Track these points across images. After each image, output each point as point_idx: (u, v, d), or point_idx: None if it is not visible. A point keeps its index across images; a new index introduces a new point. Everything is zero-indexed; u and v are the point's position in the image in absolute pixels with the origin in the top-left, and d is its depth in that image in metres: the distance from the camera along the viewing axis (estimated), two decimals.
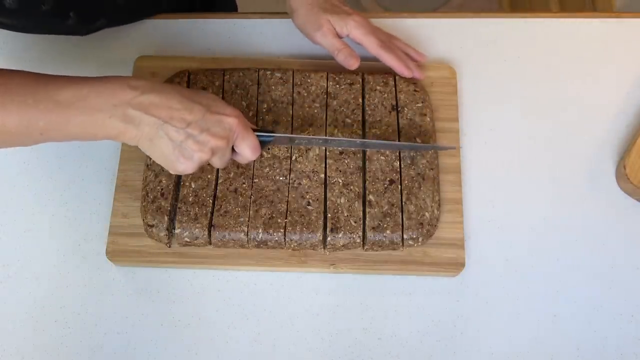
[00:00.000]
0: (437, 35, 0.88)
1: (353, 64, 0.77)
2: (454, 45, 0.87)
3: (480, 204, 0.79)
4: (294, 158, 0.75)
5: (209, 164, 0.70)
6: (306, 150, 0.75)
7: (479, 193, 0.80)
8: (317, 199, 0.73)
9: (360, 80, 0.80)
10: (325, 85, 0.79)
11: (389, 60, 0.78)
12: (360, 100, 0.79)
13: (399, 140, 0.77)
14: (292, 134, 0.76)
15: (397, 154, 0.76)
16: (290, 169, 0.74)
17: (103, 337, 0.72)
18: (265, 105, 0.78)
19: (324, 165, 0.75)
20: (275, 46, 0.87)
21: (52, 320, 0.73)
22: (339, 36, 0.78)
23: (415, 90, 0.80)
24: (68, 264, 0.75)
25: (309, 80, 0.79)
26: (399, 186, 0.74)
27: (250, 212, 0.72)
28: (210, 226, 0.72)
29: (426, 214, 0.73)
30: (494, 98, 0.85)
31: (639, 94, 0.86)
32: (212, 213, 0.72)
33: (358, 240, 0.72)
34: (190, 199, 0.72)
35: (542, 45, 0.88)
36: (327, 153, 0.75)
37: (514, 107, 0.84)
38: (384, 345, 0.73)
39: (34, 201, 0.77)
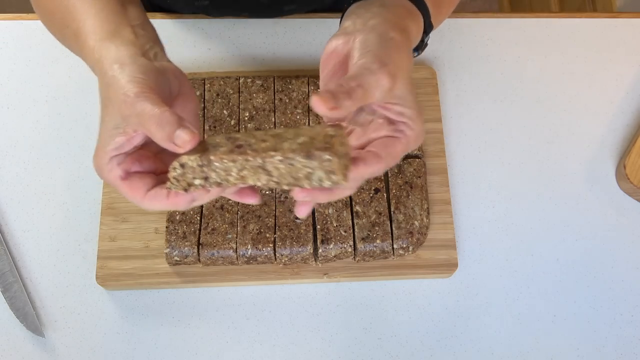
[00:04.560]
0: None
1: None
2: (449, 45, 0.87)
3: (479, 204, 0.79)
4: None
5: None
6: None
7: (477, 193, 0.80)
8: None
9: None
10: (307, 91, 0.79)
11: None
12: None
13: None
14: None
15: None
16: None
17: (103, 337, 0.72)
18: (247, 114, 0.77)
19: None
20: (275, 46, 0.87)
21: (53, 320, 0.73)
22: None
23: None
24: (68, 264, 0.75)
25: (290, 87, 0.79)
26: (385, 194, 0.74)
27: (238, 228, 0.72)
28: (199, 244, 0.71)
29: (415, 222, 0.73)
30: (493, 98, 0.85)
31: (639, 94, 0.86)
32: (199, 231, 0.71)
33: (350, 250, 0.72)
34: (178, 217, 0.72)
35: (542, 45, 0.88)
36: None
37: (514, 107, 0.84)
38: (384, 345, 0.73)
39: (34, 201, 0.77)
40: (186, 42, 0.86)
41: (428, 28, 0.55)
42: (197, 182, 0.46)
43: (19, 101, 0.82)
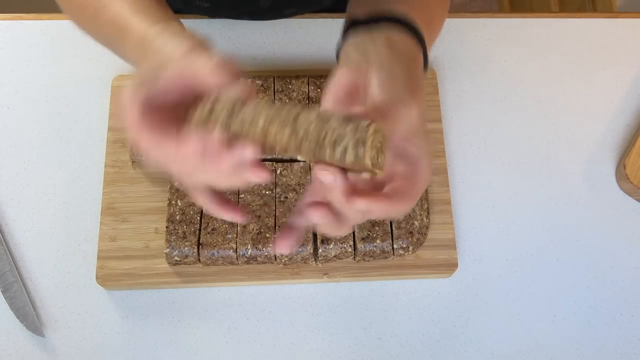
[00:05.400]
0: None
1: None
2: (449, 45, 0.87)
3: (479, 204, 0.79)
4: (278, 172, 0.74)
5: None
6: (290, 164, 0.75)
7: (477, 193, 0.80)
8: None
9: None
10: (307, 91, 0.79)
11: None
12: None
13: None
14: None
15: None
16: (275, 183, 0.74)
17: (103, 337, 0.72)
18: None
19: (309, 177, 0.74)
20: (274, 47, 0.87)
21: (53, 320, 0.73)
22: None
23: None
24: (68, 264, 0.75)
25: (290, 87, 0.79)
26: None
27: (238, 228, 0.71)
28: (199, 244, 0.71)
29: (415, 222, 0.73)
30: (493, 98, 0.85)
31: (639, 94, 0.86)
32: (199, 231, 0.72)
33: (350, 250, 0.72)
34: (178, 217, 0.72)
35: (542, 45, 0.88)
36: (311, 165, 0.75)
37: (514, 107, 0.84)
38: (384, 345, 0.73)
39: (34, 201, 0.77)
40: None
41: (426, 61, 0.54)
42: (220, 119, 0.42)
43: (19, 101, 0.82)
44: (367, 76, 0.46)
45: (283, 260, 0.72)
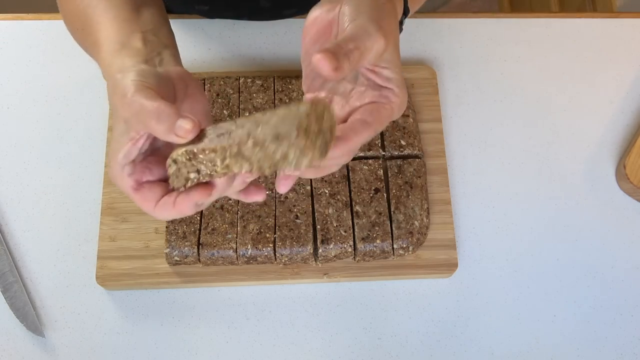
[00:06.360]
0: (428, 35, 0.88)
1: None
2: (449, 45, 0.87)
3: (479, 204, 0.79)
4: None
5: None
6: None
7: (477, 193, 0.80)
8: (305, 212, 0.72)
9: None
10: None
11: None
12: None
13: (382, 143, 0.76)
14: None
15: (380, 162, 0.76)
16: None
17: (103, 337, 0.72)
18: (247, 114, 0.77)
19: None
20: (274, 47, 0.87)
21: (53, 320, 0.73)
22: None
23: None
24: (68, 264, 0.75)
25: (290, 87, 0.79)
26: (385, 194, 0.74)
27: (238, 228, 0.72)
28: (199, 244, 0.71)
29: (415, 222, 0.73)
30: (493, 98, 0.85)
31: (639, 94, 0.86)
32: (199, 231, 0.72)
33: (350, 250, 0.72)
34: (178, 217, 0.72)
35: (542, 45, 0.88)
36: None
37: (514, 107, 0.84)
38: (384, 345, 0.73)
39: (34, 201, 0.77)
40: (186, 42, 0.86)
41: (406, 10, 0.55)
42: (192, 175, 0.46)
43: (19, 101, 0.82)
44: (339, 10, 0.47)
45: (283, 260, 0.72)
